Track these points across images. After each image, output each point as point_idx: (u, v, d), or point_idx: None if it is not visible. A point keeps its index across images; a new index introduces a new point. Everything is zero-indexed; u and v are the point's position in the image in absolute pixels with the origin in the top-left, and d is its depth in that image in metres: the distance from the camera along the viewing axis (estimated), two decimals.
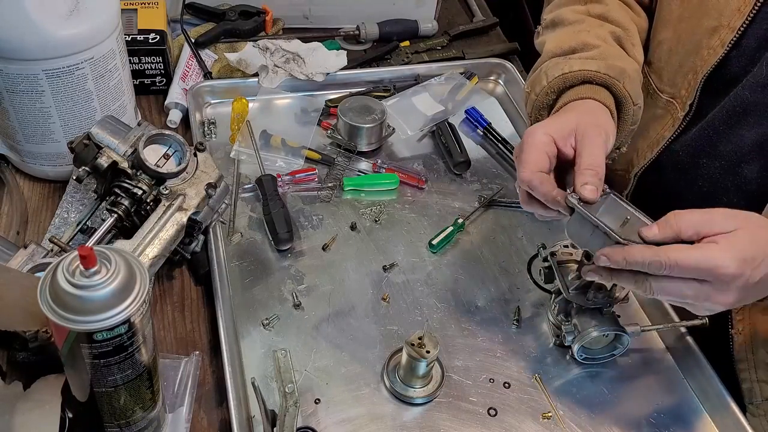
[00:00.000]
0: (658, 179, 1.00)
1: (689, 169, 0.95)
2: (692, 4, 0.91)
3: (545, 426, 0.84)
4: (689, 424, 0.86)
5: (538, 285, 0.97)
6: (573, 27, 0.96)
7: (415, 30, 1.38)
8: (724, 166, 0.91)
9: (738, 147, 0.89)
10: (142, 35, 1.17)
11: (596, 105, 0.86)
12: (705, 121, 0.92)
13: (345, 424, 0.82)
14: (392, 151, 1.17)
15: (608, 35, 0.93)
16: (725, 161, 0.91)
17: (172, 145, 0.90)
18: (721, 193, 0.91)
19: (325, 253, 1.00)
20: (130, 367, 0.66)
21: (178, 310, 0.92)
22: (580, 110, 0.86)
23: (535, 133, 0.82)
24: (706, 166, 0.93)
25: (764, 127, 0.86)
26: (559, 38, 0.95)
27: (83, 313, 0.59)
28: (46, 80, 0.91)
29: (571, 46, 0.92)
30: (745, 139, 0.88)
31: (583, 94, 0.87)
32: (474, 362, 0.89)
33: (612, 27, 0.94)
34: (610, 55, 0.90)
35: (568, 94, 0.88)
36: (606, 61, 0.88)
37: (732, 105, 0.88)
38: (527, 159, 0.80)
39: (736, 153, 0.89)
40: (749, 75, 0.86)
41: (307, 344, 0.89)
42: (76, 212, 0.98)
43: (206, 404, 0.83)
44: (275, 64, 1.22)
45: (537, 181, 0.79)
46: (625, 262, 0.73)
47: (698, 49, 0.89)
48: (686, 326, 0.91)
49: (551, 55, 0.93)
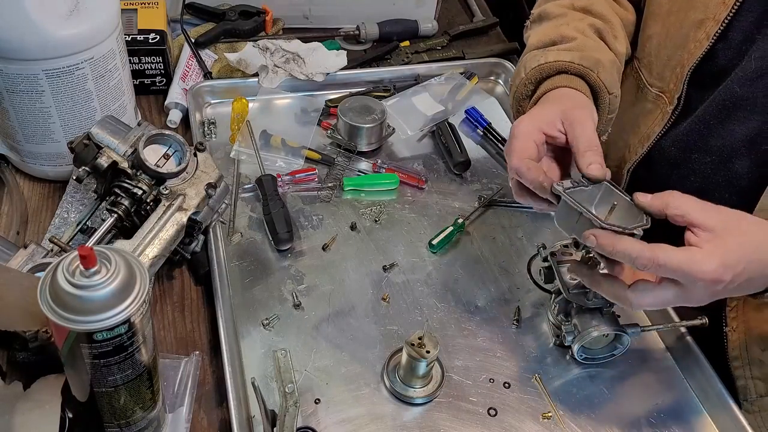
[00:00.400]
0: (650, 175, 1.00)
1: (681, 165, 0.95)
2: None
3: (545, 426, 0.84)
4: (689, 424, 0.86)
5: (538, 285, 0.97)
6: (555, 21, 0.98)
7: (415, 30, 1.38)
8: (715, 161, 0.91)
9: (729, 142, 0.89)
10: (142, 35, 1.17)
11: (573, 92, 0.89)
12: (695, 115, 0.92)
13: (345, 424, 0.82)
14: (392, 151, 1.17)
15: (587, 27, 0.95)
16: (716, 156, 0.91)
17: (172, 145, 0.90)
18: (713, 188, 0.91)
19: (325, 253, 1.00)
20: (130, 367, 0.66)
21: (178, 310, 0.92)
22: (559, 98, 0.88)
23: (520, 123, 0.84)
24: (697, 161, 0.93)
25: (754, 121, 0.86)
26: (541, 32, 0.98)
27: (83, 313, 0.59)
28: (46, 80, 0.91)
29: (551, 38, 0.95)
30: (736, 134, 0.88)
31: (559, 83, 0.89)
32: (474, 362, 0.89)
33: (593, 19, 0.96)
34: (586, 46, 0.92)
35: (545, 84, 0.91)
36: (581, 53, 0.90)
37: (722, 99, 0.88)
38: (514, 148, 0.82)
39: (726, 148, 0.89)
40: (737, 68, 0.86)
41: (307, 344, 0.89)
42: (76, 212, 0.98)
43: (206, 404, 0.83)
44: (275, 64, 1.22)
45: (524, 167, 0.80)
46: (612, 248, 0.73)
47: (685, 42, 0.90)
48: (686, 326, 0.91)
49: (532, 49, 0.96)
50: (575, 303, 0.87)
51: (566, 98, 0.88)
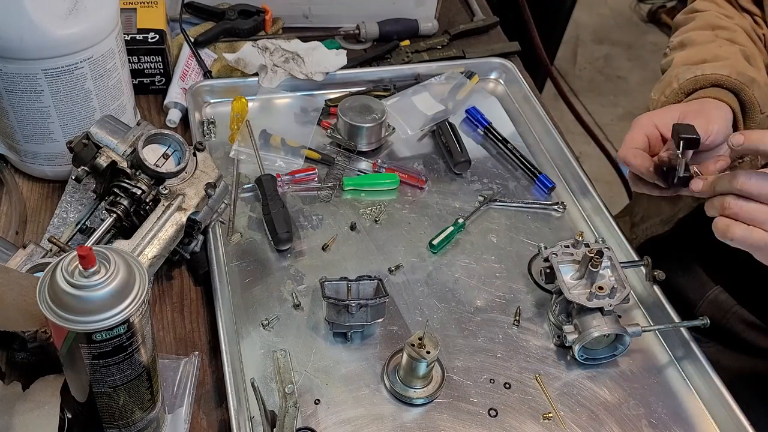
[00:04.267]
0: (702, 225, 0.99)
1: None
2: None
3: (546, 426, 0.84)
4: (690, 424, 0.86)
5: (539, 285, 0.97)
6: (703, 45, 1.00)
7: (416, 29, 1.38)
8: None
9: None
10: (141, 34, 1.17)
11: (714, 101, 0.91)
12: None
13: (345, 424, 0.82)
14: (392, 151, 1.17)
15: (738, 51, 0.97)
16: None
17: (171, 145, 0.89)
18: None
19: (324, 253, 0.99)
20: (130, 367, 0.66)
21: (178, 310, 0.92)
22: (691, 103, 0.92)
23: (641, 118, 0.91)
24: None
25: None
26: (689, 54, 0.99)
27: (82, 313, 0.59)
28: (45, 80, 0.91)
29: (703, 57, 0.96)
30: None
31: (711, 95, 0.91)
32: (474, 363, 0.89)
33: (741, 47, 0.98)
34: (741, 65, 0.94)
35: (697, 94, 0.93)
36: (737, 69, 0.93)
37: None
38: (626, 139, 0.89)
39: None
40: None
41: (307, 344, 0.89)
42: (75, 212, 0.98)
43: (206, 405, 0.83)
44: (275, 64, 1.21)
45: (630, 156, 0.87)
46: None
47: None
48: (686, 326, 0.91)
49: (680, 65, 0.97)
50: (576, 303, 0.87)
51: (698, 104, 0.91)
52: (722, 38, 1.00)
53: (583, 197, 1.10)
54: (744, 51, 0.97)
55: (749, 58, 0.97)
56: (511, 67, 1.30)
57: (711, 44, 0.99)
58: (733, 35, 1.00)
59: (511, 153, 1.16)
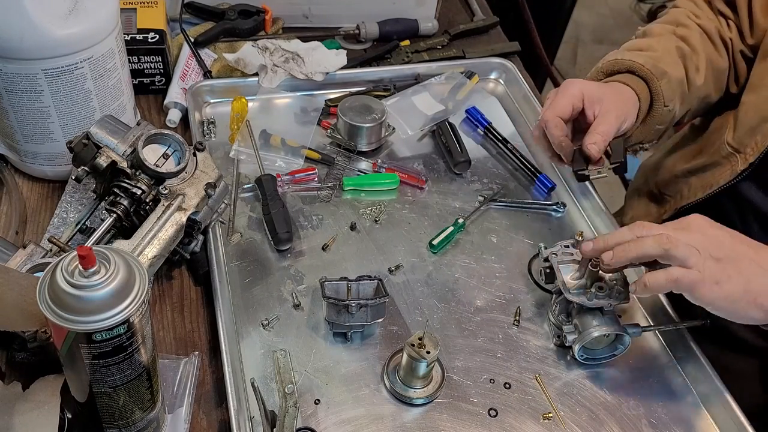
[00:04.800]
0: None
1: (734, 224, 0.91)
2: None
3: (546, 426, 0.84)
4: (690, 424, 0.86)
5: (539, 285, 0.97)
6: (653, 37, 1.06)
7: (416, 29, 1.38)
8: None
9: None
10: (141, 34, 1.17)
11: (630, 95, 0.98)
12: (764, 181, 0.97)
13: (345, 424, 0.82)
14: (392, 151, 1.17)
15: (674, 49, 1.02)
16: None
17: (171, 145, 0.89)
18: None
19: (324, 253, 0.99)
20: (130, 367, 0.66)
21: (178, 310, 0.92)
22: (616, 90, 0.98)
23: (573, 84, 0.96)
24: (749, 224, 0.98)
25: None
26: (636, 42, 1.07)
27: (82, 313, 0.59)
28: (45, 80, 0.91)
29: (639, 46, 1.04)
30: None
31: (624, 80, 0.99)
32: (474, 363, 0.89)
33: (684, 46, 1.03)
34: (662, 60, 1.00)
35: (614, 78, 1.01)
36: (655, 61, 0.99)
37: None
38: (556, 103, 0.95)
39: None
40: None
41: (307, 344, 0.89)
42: (75, 212, 0.98)
43: (206, 405, 0.83)
44: (275, 64, 1.21)
45: (553, 123, 0.94)
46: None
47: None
48: (686, 326, 0.91)
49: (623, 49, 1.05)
50: (576, 303, 0.87)
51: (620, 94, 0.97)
52: (677, 35, 1.04)
53: (583, 197, 1.10)
54: (682, 49, 1.02)
55: (685, 56, 1.02)
56: (511, 67, 1.30)
57: (660, 37, 1.05)
58: (687, 33, 1.04)
59: (511, 153, 1.16)
